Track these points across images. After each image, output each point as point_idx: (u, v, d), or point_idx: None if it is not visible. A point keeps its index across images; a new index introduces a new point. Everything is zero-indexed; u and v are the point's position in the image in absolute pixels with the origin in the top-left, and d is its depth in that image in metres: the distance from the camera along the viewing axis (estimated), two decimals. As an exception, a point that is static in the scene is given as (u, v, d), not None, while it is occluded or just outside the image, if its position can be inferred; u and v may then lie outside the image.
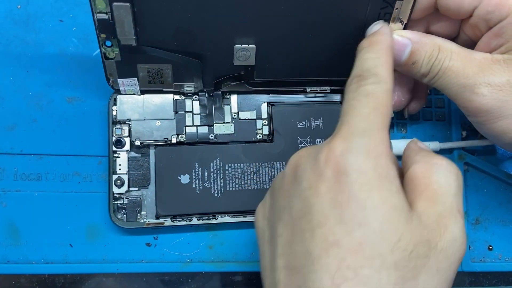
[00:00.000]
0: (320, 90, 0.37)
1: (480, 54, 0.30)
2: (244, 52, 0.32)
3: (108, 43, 0.31)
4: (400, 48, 0.30)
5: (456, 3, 0.30)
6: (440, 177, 0.25)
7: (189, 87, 0.36)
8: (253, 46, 0.32)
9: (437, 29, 0.33)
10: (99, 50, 0.31)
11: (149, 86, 0.35)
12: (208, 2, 0.28)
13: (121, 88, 0.34)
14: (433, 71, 0.30)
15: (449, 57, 0.30)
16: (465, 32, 0.32)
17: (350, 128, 0.24)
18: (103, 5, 0.28)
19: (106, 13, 0.28)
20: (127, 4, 0.28)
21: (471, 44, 0.32)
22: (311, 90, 0.37)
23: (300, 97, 0.38)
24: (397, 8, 0.30)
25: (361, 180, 0.22)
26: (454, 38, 0.33)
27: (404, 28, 0.31)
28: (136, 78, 0.34)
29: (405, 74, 0.32)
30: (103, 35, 0.30)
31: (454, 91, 0.30)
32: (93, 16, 0.29)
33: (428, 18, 0.32)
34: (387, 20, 0.31)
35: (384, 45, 0.28)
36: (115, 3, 0.28)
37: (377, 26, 0.29)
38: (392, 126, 0.39)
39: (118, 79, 0.34)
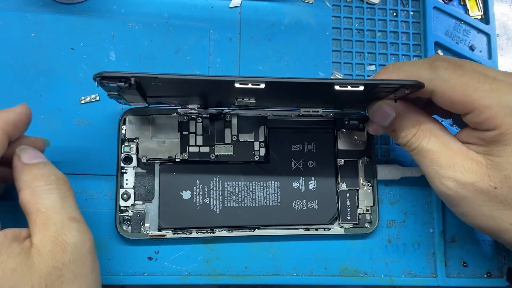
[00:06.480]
0: (313, 111, 0.40)
1: (457, 145, 0.32)
2: (246, 100, 0.35)
3: (120, 100, 0.34)
4: (383, 115, 0.33)
5: (448, 107, 0.31)
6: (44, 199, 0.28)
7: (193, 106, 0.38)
8: (253, 100, 0.34)
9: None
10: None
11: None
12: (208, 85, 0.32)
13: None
14: (410, 147, 0.33)
15: (427, 139, 0.32)
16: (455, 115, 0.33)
17: None
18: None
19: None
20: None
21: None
22: (304, 111, 0.40)
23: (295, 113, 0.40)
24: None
25: None
26: None
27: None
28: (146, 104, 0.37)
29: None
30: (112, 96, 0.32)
31: (425, 171, 0.33)
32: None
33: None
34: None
35: None
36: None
37: None
38: (376, 151, 0.42)
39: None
